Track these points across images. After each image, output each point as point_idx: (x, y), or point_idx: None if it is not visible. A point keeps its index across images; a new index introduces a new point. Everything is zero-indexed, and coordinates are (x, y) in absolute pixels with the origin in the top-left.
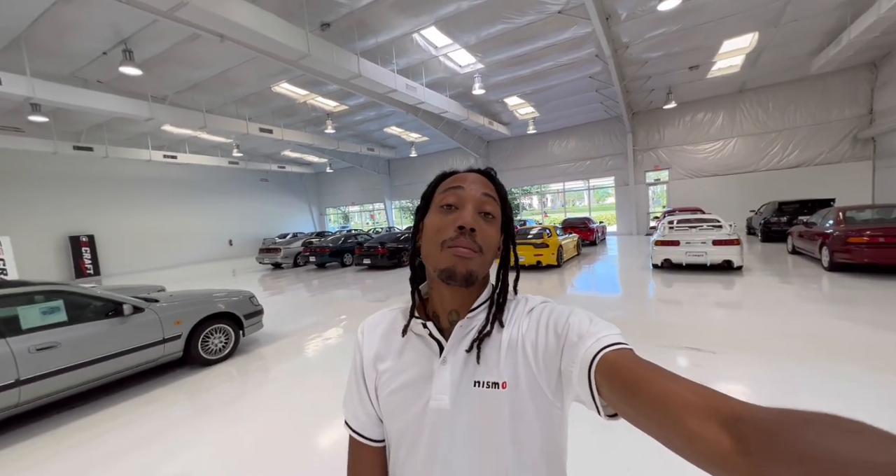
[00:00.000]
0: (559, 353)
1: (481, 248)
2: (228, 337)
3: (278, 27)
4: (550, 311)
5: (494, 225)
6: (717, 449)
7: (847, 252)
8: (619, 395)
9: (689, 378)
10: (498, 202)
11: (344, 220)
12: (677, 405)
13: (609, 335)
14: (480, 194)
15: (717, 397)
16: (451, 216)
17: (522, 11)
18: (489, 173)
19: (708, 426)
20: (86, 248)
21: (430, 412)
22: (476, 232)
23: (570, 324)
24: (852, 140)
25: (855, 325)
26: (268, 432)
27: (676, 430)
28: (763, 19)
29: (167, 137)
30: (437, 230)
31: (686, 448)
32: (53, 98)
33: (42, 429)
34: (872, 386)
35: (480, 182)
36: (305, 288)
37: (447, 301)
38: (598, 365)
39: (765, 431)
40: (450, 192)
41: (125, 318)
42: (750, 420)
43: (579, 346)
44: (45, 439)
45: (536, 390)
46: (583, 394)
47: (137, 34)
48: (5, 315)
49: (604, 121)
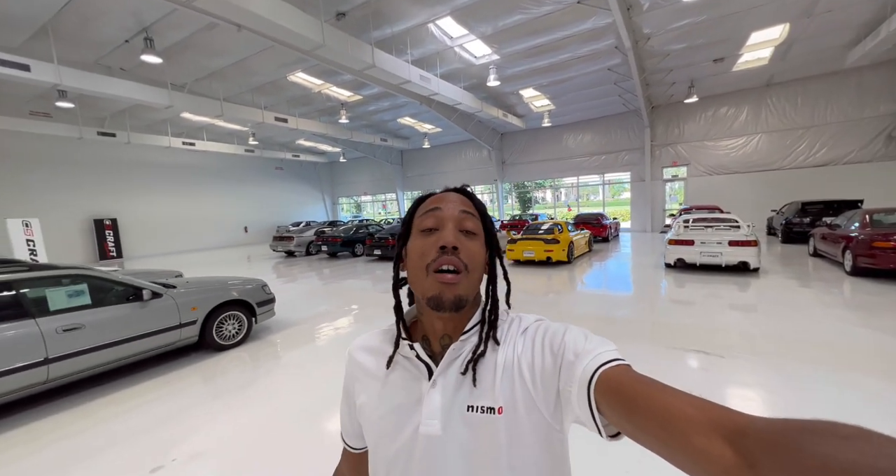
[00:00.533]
0: (556, 373)
1: (466, 267)
2: (241, 323)
3: (294, 16)
4: (545, 329)
5: (477, 241)
6: (723, 464)
7: (871, 257)
8: (620, 413)
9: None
10: (478, 218)
11: (356, 210)
12: (680, 421)
13: (605, 352)
14: (459, 212)
15: (718, 411)
16: (431, 238)
17: (540, 1)
18: (465, 191)
19: (712, 442)
20: (109, 231)
21: (420, 438)
22: (459, 250)
23: (566, 342)
24: (886, 138)
25: (875, 333)
26: (279, 416)
27: (681, 447)
28: (796, 9)
29: (186, 124)
30: (420, 254)
31: (692, 465)
32: (79, 85)
33: (70, 404)
34: (891, 399)
35: (458, 200)
36: (317, 276)
37: (438, 327)
38: (597, 383)
39: (768, 443)
40: (428, 214)
41: (144, 302)
42: (753, 433)
43: (576, 365)
44: (74, 414)
45: (535, 413)
46: (582, 414)
47: (158, 22)
48: (35, 296)
49: (621, 114)
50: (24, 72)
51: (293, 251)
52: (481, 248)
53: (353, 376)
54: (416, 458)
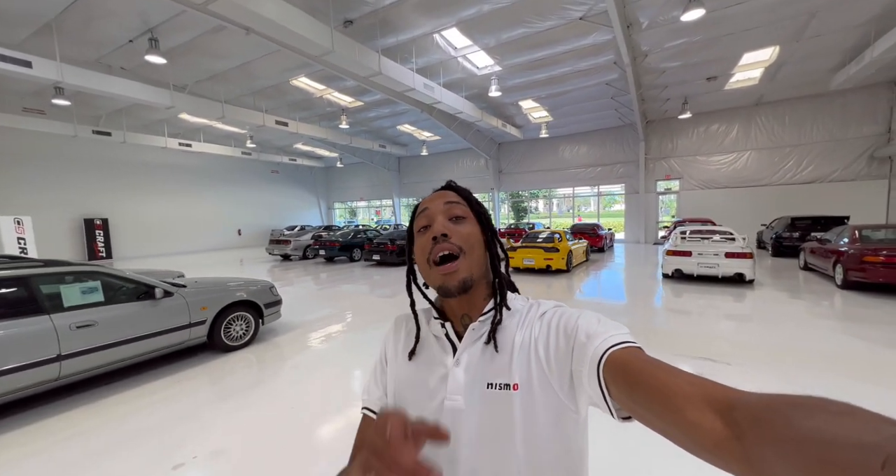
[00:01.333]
0: (569, 354)
1: (461, 248)
2: (249, 324)
3: (304, 22)
4: (561, 314)
5: (468, 223)
6: (713, 436)
7: (862, 271)
8: (624, 391)
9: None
10: (465, 204)
11: (350, 215)
12: (676, 397)
13: (616, 334)
14: (443, 204)
15: (712, 387)
16: (427, 235)
17: (544, 16)
18: (449, 185)
19: (704, 415)
20: (99, 230)
21: (445, 412)
22: (449, 235)
23: (579, 325)
24: (868, 158)
25: (868, 343)
26: (290, 415)
27: (675, 421)
28: (786, 33)
29: (183, 125)
30: (421, 251)
31: (685, 437)
32: (81, 83)
33: (81, 402)
34: (882, 404)
35: (442, 195)
36: (314, 281)
37: (456, 307)
38: (605, 363)
39: (756, 416)
40: (420, 216)
41: (156, 301)
42: (742, 407)
43: (588, 346)
44: (86, 412)
45: (549, 392)
46: (594, 395)
47: (164, 24)
48: (49, 292)
49: (617, 128)
50: (25, 68)
51: (290, 255)
52: (473, 228)
53: (389, 346)
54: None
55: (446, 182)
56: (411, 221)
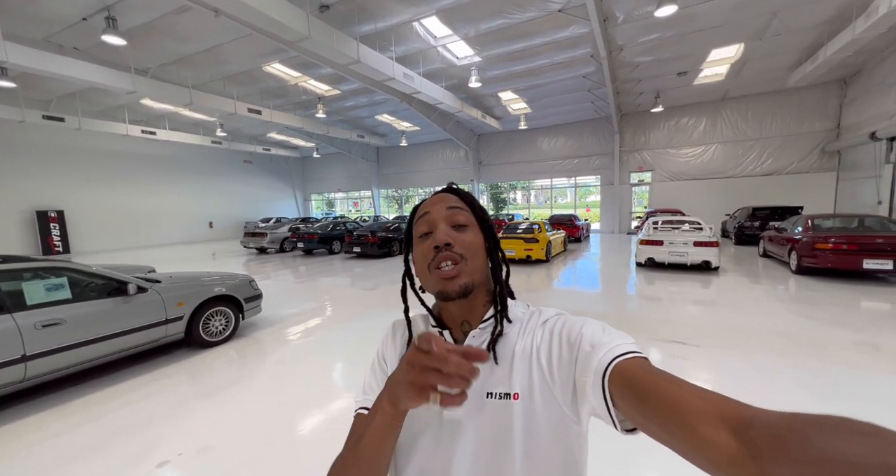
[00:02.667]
0: (573, 363)
1: (463, 256)
2: (228, 320)
3: (278, 6)
4: (564, 322)
5: (471, 231)
6: (728, 455)
7: (814, 257)
8: (632, 404)
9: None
10: (468, 210)
11: (328, 207)
12: (688, 413)
13: (622, 344)
14: (446, 210)
15: (726, 403)
16: (428, 242)
17: (523, 7)
18: (452, 188)
19: (718, 433)
20: (55, 224)
21: (444, 423)
22: (452, 244)
23: (583, 334)
24: (820, 152)
25: (815, 322)
26: (274, 411)
27: (688, 438)
28: (750, 31)
29: (145, 111)
30: (422, 257)
31: (697, 455)
32: (28, 64)
33: (50, 403)
34: (829, 376)
35: (444, 200)
36: (293, 274)
37: (456, 314)
38: (611, 374)
39: (774, 436)
40: (421, 221)
41: (129, 297)
42: (759, 425)
43: (592, 356)
44: (55, 413)
45: (551, 402)
46: (598, 406)
47: (123, 1)
48: (10, 290)
49: (593, 120)
50: None
51: (266, 248)
52: (475, 236)
53: (387, 351)
54: (437, 440)
55: (447, 184)
56: (410, 223)
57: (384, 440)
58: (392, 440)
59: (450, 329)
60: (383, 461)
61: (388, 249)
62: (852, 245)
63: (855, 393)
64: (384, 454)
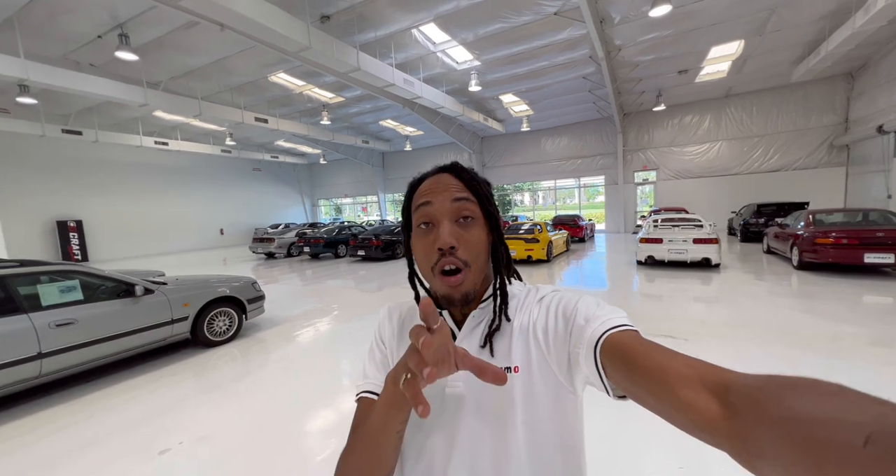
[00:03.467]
0: (568, 336)
1: (467, 263)
2: (232, 320)
3: (280, 18)
4: (560, 298)
5: (476, 226)
6: (707, 416)
7: (814, 252)
8: (621, 372)
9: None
10: (473, 200)
11: (336, 212)
12: (672, 378)
13: (614, 317)
14: (450, 202)
15: (708, 368)
16: (430, 237)
17: (519, 11)
18: (456, 169)
19: (699, 396)
20: (74, 233)
21: (447, 399)
22: (456, 248)
23: (578, 308)
24: (828, 147)
25: (816, 317)
26: (274, 405)
27: (671, 402)
28: (749, 28)
29: (158, 123)
30: (423, 255)
31: (680, 417)
32: (48, 81)
33: (63, 399)
34: (828, 371)
35: (448, 187)
36: (300, 277)
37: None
38: (602, 345)
39: (749, 396)
40: (421, 210)
41: (137, 298)
42: (736, 387)
43: (586, 329)
44: (68, 408)
45: (548, 374)
46: (591, 375)
47: (135, 19)
48: (27, 292)
49: (596, 120)
50: None
51: (274, 253)
52: (481, 232)
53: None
54: (440, 415)
55: (451, 163)
56: (408, 204)
57: (387, 419)
58: (396, 422)
59: (449, 310)
60: (389, 443)
61: (391, 252)
62: (853, 239)
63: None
64: (388, 435)
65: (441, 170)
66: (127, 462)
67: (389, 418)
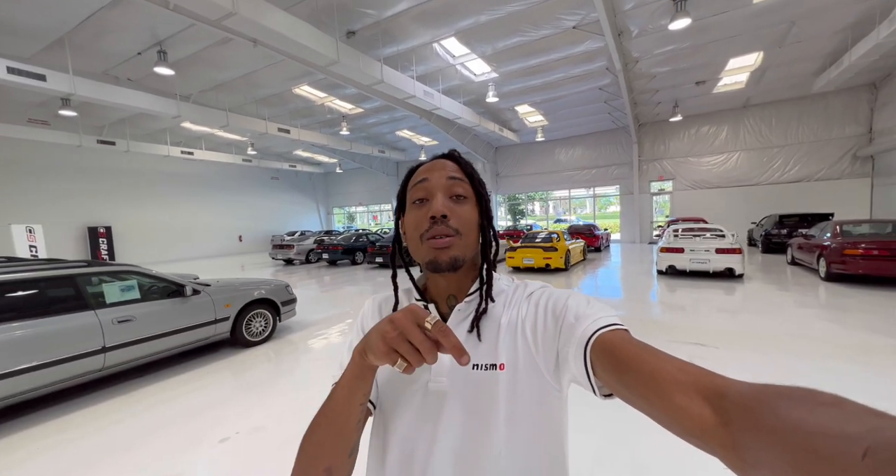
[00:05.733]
0: (557, 334)
1: (458, 231)
2: (267, 321)
3: (311, 35)
4: (549, 294)
5: (468, 204)
6: (700, 422)
7: (843, 263)
8: (612, 373)
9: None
10: (467, 181)
11: (349, 220)
12: (665, 382)
13: (605, 317)
14: (446, 179)
15: (702, 374)
16: (423, 209)
17: (538, 26)
18: (453, 155)
19: (693, 401)
20: (103, 238)
21: (430, 394)
22: (448, 217)
23: (568, 306)
24: (852, 158)
25: (847, 329)
26: (315, 400)
27: (664, 406)
28: (768, 40)
29: (185, 134)
30: (414, 226)
31: (672, 422)
32: (93, 95)
33: (121, 392)
34: (860, 379)
35: (445, 167)
36: (319, 284)
37: (443, 287)
38: (593, 344)
39: (744, 405)
40: (418, 186)
41: (186, 298)
42: (731, 395)
43: (576, 327)
44: (127, 400)
45: (534, 372)
46: (578, 374)
47: (173, 37)
48: (93, 291)
49: (611, 131)
50: (39, 82)
51: (292, 259)
52: (472, 210)
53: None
54: (422, 410)
55: (449, 150)
56: (404, 185)
57: (352, 393)
58: (360, 393)
59: (435, 303)
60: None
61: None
62: (883, 250)
63: (886, 394)
64: (353, 407)
65: (438, 156)
66: (193, 448)
67: (353, 393)
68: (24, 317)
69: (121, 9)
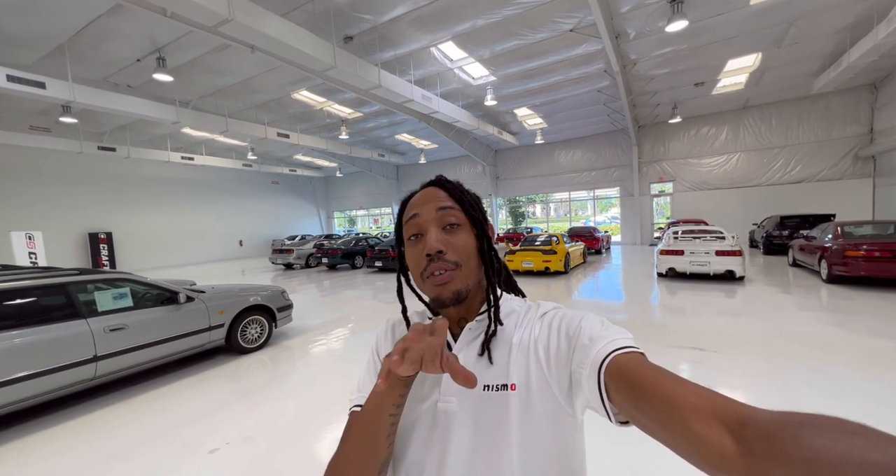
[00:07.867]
0: (570, 356)
1: (457, 263)
2: (263, 328)
3: (308, 40)
4: (563, 315)
5: (463, 231)
6: (721, 452)
7: (844, 265)
8: (627, 398)
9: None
10: (458, 208)
11: (350, 224)
12: (683, 409)
13: (620, 339)
14: (436, 211)
15: (721, 401)
16: (419, 246)
17: (535, 29)
18: (441, 182)
19: (712, 430)
20: (103, 244)
21: (438, 413)
22: (444, 251)
23: (582, 327)
24: (853, 158)
25: (849, 332)
26: (308, 407)
27: (682, 434)
28: (767, 41)
29: (185, 139)
30: (414, 264)
31: (691, 451)
32: (93, 102)
33: (112, 401)
34: (862, 384)
35: (433, 198)
36: (318, 288)
37: (452, 314)
38: (607, 367)
39: (766, 434)
40: (410, 223)
41: (179, 306)
42: (752, 423)
43: (590, 349)
44: (118, 409)
45: (547, 394)
46: (592, 398)
47: (172, 43)
48: (84, 299)
49: (610, 133)
50: (39, 89)
51: (292, 263)
52: (468, 237)
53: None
54: (431, 430)
55: (436, 177)
56: (399, 221)
57: (382, 401)
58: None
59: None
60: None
61: None
62: (885, 252)
63: (888, 400)
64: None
65: (427, 185)
66: (181, 459)
67: (384, 400)
68: (13, 326)
69: (119, 16)
